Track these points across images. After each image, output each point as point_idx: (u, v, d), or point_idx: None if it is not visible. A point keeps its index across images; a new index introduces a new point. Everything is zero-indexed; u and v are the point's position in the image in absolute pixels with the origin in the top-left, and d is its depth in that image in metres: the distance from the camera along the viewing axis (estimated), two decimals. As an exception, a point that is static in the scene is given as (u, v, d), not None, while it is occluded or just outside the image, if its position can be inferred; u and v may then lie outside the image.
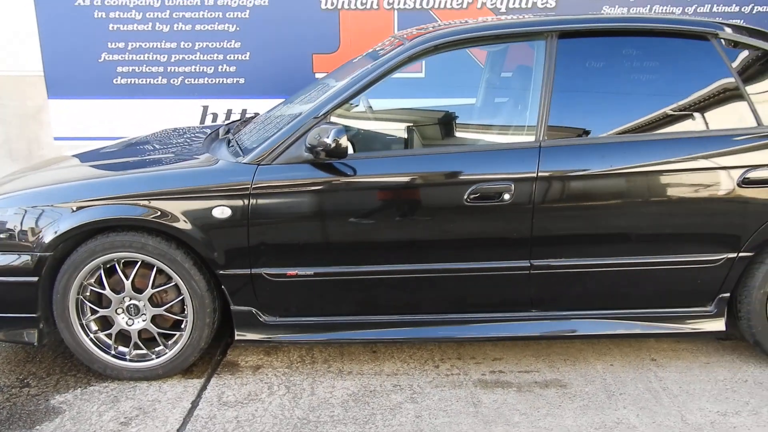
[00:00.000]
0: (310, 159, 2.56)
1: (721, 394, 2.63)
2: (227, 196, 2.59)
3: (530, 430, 2.43)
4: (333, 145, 2.44)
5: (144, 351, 2.78)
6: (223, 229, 2.61)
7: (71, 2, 5.17)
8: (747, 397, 2.60)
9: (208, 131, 3.37)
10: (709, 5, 5.27)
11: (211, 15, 5.22)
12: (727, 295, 2.71)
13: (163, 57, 5.32)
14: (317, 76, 5.18)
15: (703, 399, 2.60)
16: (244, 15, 5.23)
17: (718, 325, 2.74)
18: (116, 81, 5.36)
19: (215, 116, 5.39)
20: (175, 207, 2.59)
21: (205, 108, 5.41)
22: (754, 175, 2.55)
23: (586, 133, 2.68)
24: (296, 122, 2.62)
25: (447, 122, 3.24)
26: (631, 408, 2.55)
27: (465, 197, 2.55)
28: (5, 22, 5.20)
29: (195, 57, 5.33)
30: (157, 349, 2.78)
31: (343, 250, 2.65)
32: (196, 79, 5.37)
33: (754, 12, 5.28)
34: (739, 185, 2.55)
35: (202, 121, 5.42)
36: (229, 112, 5.40)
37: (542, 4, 5.23)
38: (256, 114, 3.92)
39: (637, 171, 2.57)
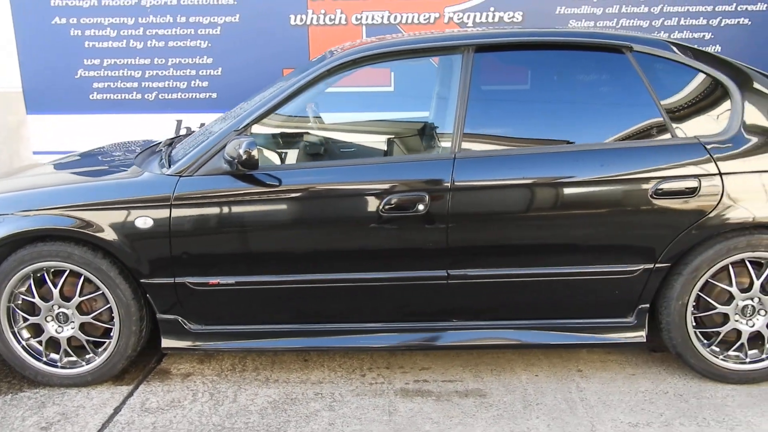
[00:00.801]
0: (228, 170, 2.62)
1: (638, 406, 2.63)
2: (149, 207, 2.66)
3: (439, 439, 2.45)
4: (245, 156, 2.51)
5: (74, 358, 2.84)
6: (146, 239, 2.67)
7: (48, 21, 5.32)
8: (663, 409, 2.60)
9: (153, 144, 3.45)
10: (676, 18, 5.29)
11: (183, 32, 5.35)
12: (647, 306, 2.72)
13: (138, 73, 5.45)
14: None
15: (618, 410, 2.60)
16: (216, 32, 5.35)
17: (639, 336, 2.74)
18: (92, 96, 5.50)
19: (189, 130, 5.49)
20: (101, 217, 2.67)
21: (179, 122, 5.52)
22: (666, 186, 2.56)
23: (501, 144, 2.71)
24: (217, 135, 2.70)
25: (384, 134, 3.29)
26: (543, 418, 2.56)
27: (380, 207, 2.60)
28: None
29: (168, 73, 5.45)
30: (87, 356, 2.85)
31: (263, 260, 2.70)
32: (170, 94, 5.49)
33: (722, 24, 5.29)
34: (652, 197, 2.57)
35: (177, 134, 5.52)
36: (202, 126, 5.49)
37: (509, 18, 5.28)
38: (203, 125, 4.01)
39: (550, 183, 2.60)
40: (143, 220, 2.66)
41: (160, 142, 3.41)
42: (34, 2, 5.29)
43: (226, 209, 2.66)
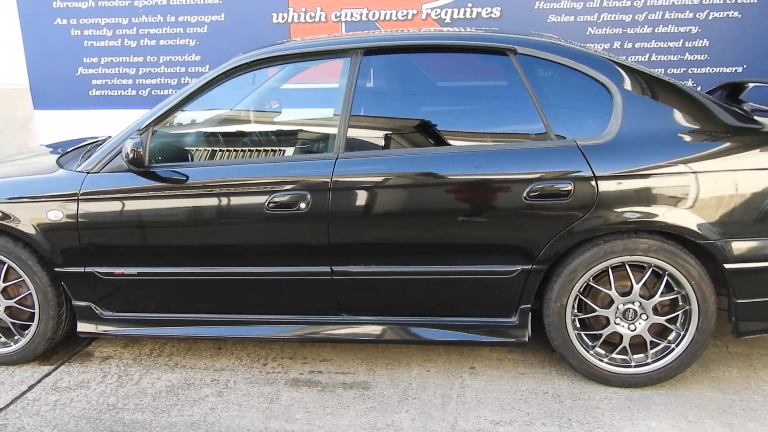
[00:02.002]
0: (127, 168, 2.81)
1: (510, 404, 2.67)
2: (60, 201, 2.88)
3: (304, 427, 2.57)
4: (131, 155, 2.69)
5: (4, 339, 3.11)
6: (58, 231, 2.89)
7: (51, 22, 5.69)
8: (533, 409, 2.63)
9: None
10: (660, 12, 5.15)
11: (173, 30, 5.61)
12: (528, 306, 2.74)
13: (132, 70, 5.75)
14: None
15: (489, 408, 2.65)
16: (203, 30, 5.58)
17: (522, 336, 2.77)
18: (92, 93, 5.84)
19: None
20: (19, 210, 2.91)
21: (171, 117, 5.77)
22: (540, 188, 2.57)
23: (382, 145, 2.78)
24: (121, 135, 2.88)
25: (293, 131, 3.39)
26: (413, 412, 2.64)
27: (265, 205, 2.72)
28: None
29: (160, 70, 5.73)
30: (15, 337, 3.11)
31: (160, 253, 2.87)
32: (162, 90, 5.76)
33: (710, 18, 5.12)
34: (526, 199, 2.59)
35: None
36: (192, 122, 5.74)
37: (486, 14, 5.28)
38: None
39: (426, 183, 2.66)
40: (54, 214, 2.88)
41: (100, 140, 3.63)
42: (38, 4, 5.67)
43: (125, 204, 2.85)
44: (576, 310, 2.72)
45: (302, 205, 2.70)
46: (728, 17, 5.09)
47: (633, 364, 2.73)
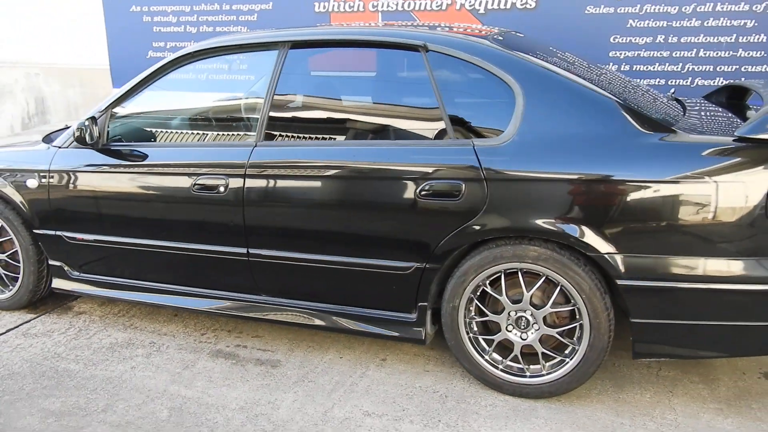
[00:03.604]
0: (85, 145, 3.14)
1: (393, 398, 2.70)
2: (35, 172, 3.28)
3: (197, 394, 2.77)
4: (78, 134, 3.02)
5: (1, 287, 3.60)
6: (35, 198, 3.30)
7: (128, 9, 6.28)
8: (412, 406, 2.65)
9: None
10: (711, 4, 4.73)
11: (227, 18, 5.98)
12: (426, 304, 2.74)
13: (192, 55, 6.19)
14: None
15: (371, 399, 2.70)
16: (253, 18, 5.89)
17: (419, 333, 2.78)
18: (159, 74, 6.36)
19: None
20: (8, 177, 3.35)
21: (222, 99, 6.18)
22: (432, 188, 2.56)
23: (299, 136, 2.88)
24: (84, 118, 3.22)
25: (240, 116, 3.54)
26: (299, 394, 2.75)
27: (191, 187, 2.94)
28: (84, 28, 6.48)
29: (216, 55, 6.11)
30: (10, 287, 3.59)
31: (108, 223, 3.19)
32: (217, 75, 6.16)
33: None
34: (419, 196, 2.59)
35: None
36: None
37: (521, 4, 5.12)
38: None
39: (327, 176, 2.73)
40: (32, 182, 3.29)
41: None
42: (119, -7, 6.27)
43: (81, 178, 3.19)
44: (474, 314, 2.68)
45: (221, 189, 2.88)
46: (792, 10, 4.56)
47: (528, 374, 2.65)
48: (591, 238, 2.40)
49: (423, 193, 2.57)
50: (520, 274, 2.57)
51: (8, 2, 6.91)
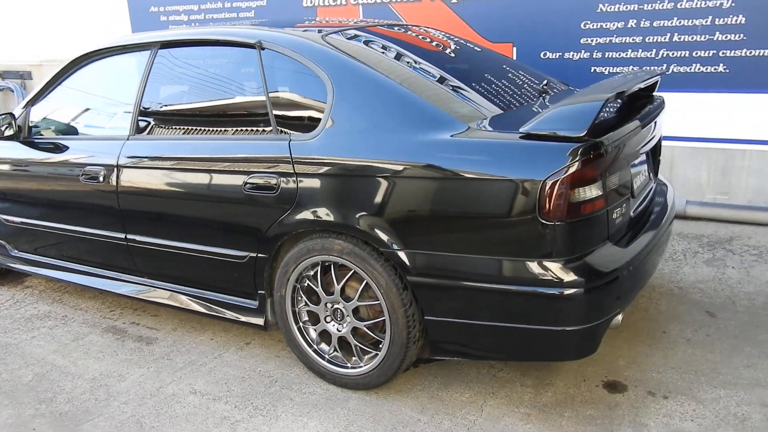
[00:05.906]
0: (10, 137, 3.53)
1: (226, 380, 2.85)
2: (-17, 159, 3.72)
3: (68, 363, 3.07)
4: (-1, 127, 3.41)
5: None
6: (-20, 183, 3.75)
7: (147, 9, 6.76)
8: (238, 388, 2.78)
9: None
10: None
11: (230, 15, 6.30)
12: (263, 292, 2.86)
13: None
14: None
15: (206, 379, 2.86)
16: (250, 14, 6.17)
17: (260, 320, 2.91)
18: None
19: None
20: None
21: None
22: (254, 181, 2.68)
23: (164, 131, 3.09)
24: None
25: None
26: (151, 369, 2.97)
27: (79, 176, 3.24)
28: (110, 23, 7.04)
29: (222, 50, 6.45)
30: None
31: (26, 207, 3.56)
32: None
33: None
34: (245, 189, 2.71)
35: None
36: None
37: (495, -6, 5.03)
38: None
39: (178, 167, 2.91)
40: (-23, 167, 3.73)
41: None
42: (141, -6, 6.77)
43: (8, 166, 3.58)
44: (303, 304, 2.77)
45: (100, 179, 3.15)
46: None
47: (349, 365, 2.72)
48: (382, 233, 2.42)
49: (248, 185, 2.69)
50: (332, 267, 2.63)
51: (49, 5, 7.69)
